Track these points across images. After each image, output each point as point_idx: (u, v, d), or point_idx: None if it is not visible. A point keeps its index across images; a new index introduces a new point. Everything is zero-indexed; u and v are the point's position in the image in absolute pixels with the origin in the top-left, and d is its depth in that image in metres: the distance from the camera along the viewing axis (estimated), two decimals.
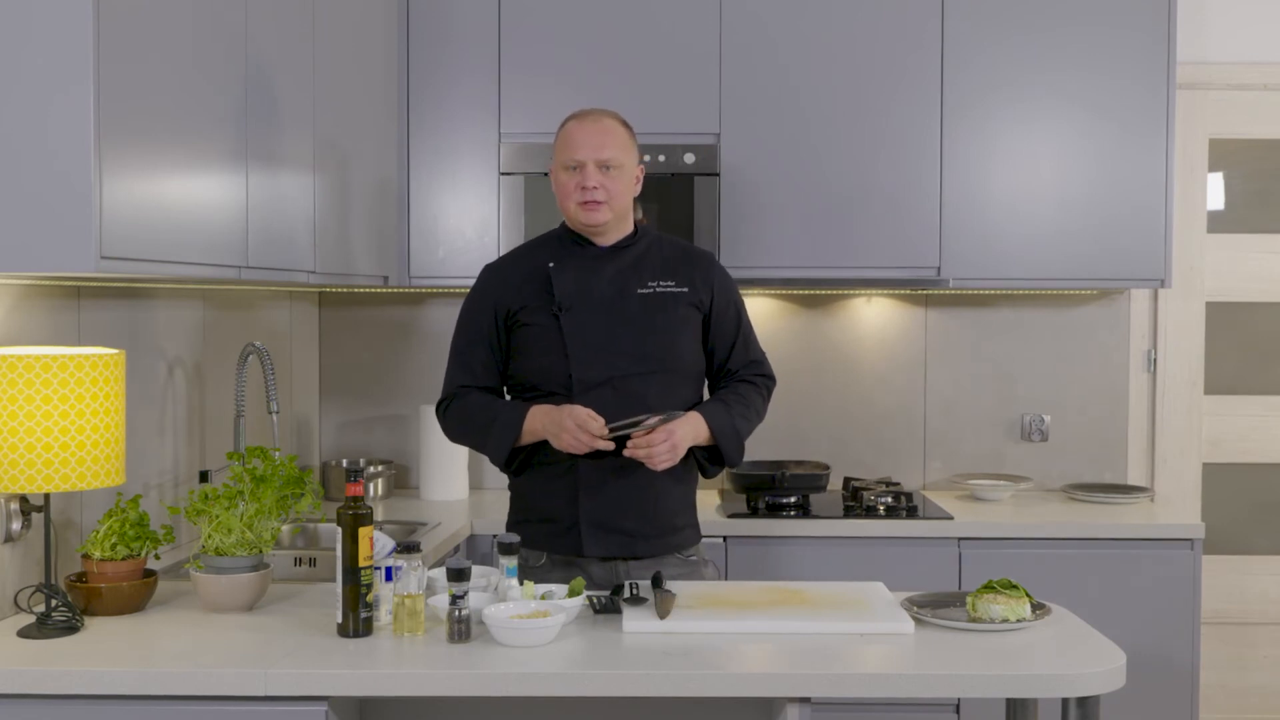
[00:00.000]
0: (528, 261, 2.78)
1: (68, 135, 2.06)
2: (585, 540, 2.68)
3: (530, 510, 2.76)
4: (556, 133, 2.75)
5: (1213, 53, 4.10)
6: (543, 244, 2.82)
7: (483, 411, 2.72)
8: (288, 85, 2.91)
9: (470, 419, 2.74)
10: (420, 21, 3.76)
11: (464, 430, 2.78)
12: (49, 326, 2.53)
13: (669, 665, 2.11)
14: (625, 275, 2.74)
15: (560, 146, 2.72)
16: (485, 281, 2.80)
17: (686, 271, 2.78)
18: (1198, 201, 4.16)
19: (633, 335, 2.69)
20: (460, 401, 2.75)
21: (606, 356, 2.67)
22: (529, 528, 2.73)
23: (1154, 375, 4.16)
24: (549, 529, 2.71)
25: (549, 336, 2.69)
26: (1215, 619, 4.16)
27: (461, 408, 2.75)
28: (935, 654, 2.20)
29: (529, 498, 2.77)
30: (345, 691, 2.10)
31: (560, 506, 2.70)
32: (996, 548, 3.51)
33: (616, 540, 2.69)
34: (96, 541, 2.40)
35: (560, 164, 2.71)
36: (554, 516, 2.71)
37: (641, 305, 2.72)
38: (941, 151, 3.74)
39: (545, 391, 2.68)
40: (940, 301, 4.10)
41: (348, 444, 4.16)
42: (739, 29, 3.74)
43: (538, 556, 2.73)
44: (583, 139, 2.68)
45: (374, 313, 4.15)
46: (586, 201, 2.67)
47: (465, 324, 2.79)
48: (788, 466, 3.82)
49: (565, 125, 2.74)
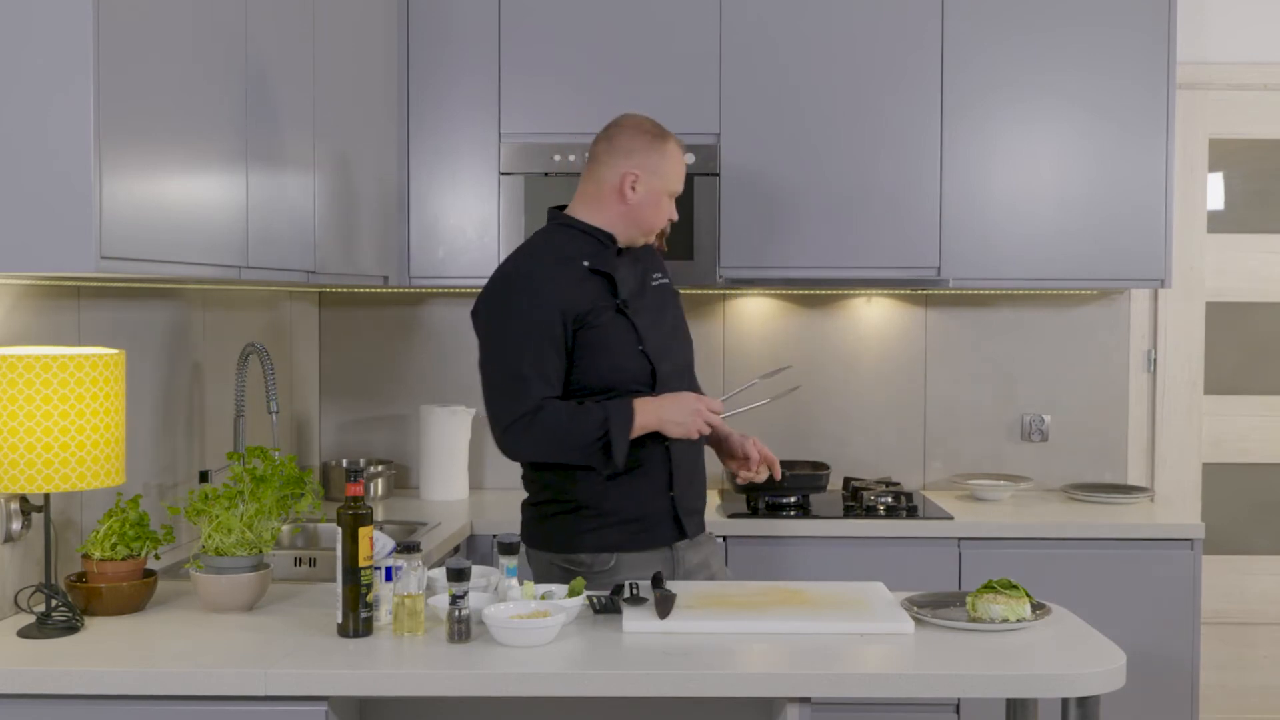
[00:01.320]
0: (564, 263, 2.68)
1: (68, 135, 2.06)
2: (686, 526, 2.75)
3: (609, 515, 2.69)
4: (650, 144, 2.71)
5: (1213, 53, 4.10)
6: (561, 243, 2.73)
7: (583, 417, 2.59)
8: (288, 85, 2.91)
9: (570, 428, 2.59)
10: (420, 21, 3.76)
11: (561, 439, 2.60)
12: (49, 326, 2.53)
13: (669, 665, 2.12)
14: (639, 269, 2.80)
15: (673, 173, 2.74)
16: (540, 286, 2.64)
17: (657, 262, 2.89)
18: (1198, 201, 4.16)
19: (673, 324, 2.81)
20: (549, 413, 2.59)
21: (668, 346, 2.76)
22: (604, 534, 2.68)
23: (1154, 375, 4.16)
24: (634, 528, 2.70)
25: (620, 334, 2.67)
26: (1215, 619, 4.16)
27: (554, 419, 2.59)
28: (935, 654, 2.20)
29: (606, 502, 2.68)
30: (345, 691, 2.10)
31: (650, 500, 2.72)
32: (996, 548, 3.51)
33: (695, 521, 2.80)
34: (96, 541, 2.40)
35: (669, 190, 2.74)
36: (643, 514, 2.71)
37: (662, 296, 2.82)
38: (941, 151, 3.74)
39: (624, 390, 2.65)
40: (940, 301, 4.10)
41: (348, 444, 4.16)
42: (739, 29, 3.74)
43: (606, 560, 2.68)
44: (683, 173, 2.78)
45: (374, 313, 4.15)
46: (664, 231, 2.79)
47: (528, 332, 2.61)
48: (788, 466, 3.82)
49: (670, 148, 2.73)
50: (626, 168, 2.70)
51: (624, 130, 2.73)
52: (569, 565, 2.70)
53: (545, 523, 2.75)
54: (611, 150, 2.72)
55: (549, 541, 2.74)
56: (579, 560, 2.69)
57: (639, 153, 2.71)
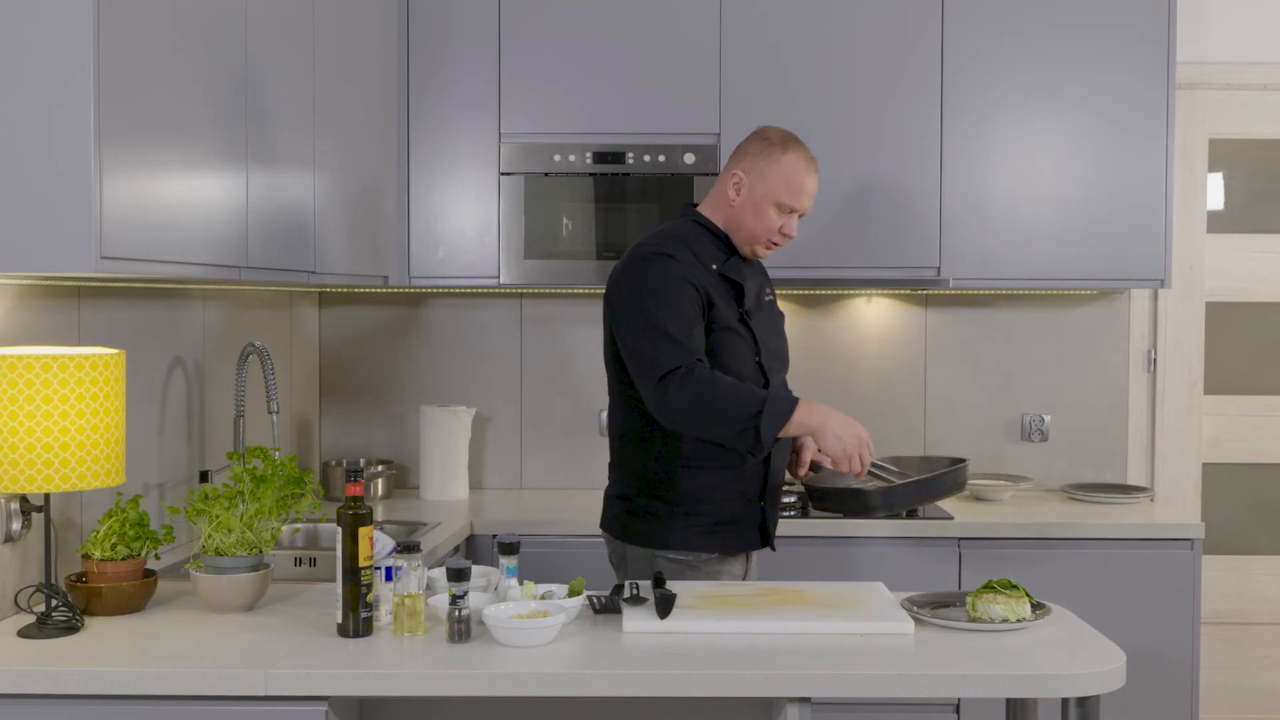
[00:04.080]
0: (695, 258, 2.68)
1: (68, 135, 2.06)
2: (771, 532, 2.80)
3: (702, 516, 2.72)
4: (765, 150, 2.72)
5: (1213, 53, 4.10)
6: (695, 241, 2.72)
7: (742, 389, 2.51)
8: (288, 85, 2.91)
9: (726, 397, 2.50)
10: (420, 21, 3.76)
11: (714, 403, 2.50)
12: (49, 326, 2.53)
13: (669, 665, 2.12)
14: (757, 283, 2.82)
15: (784, 184, 2.69)
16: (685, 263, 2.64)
17: (767, 279, 2.91)
18: (1198, 201, 4.16)
19: (782, 341, 2.83)
20: (706, 375, 2.51)
21: (777, 362, 2.78)
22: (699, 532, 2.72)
23: (1154, 375, 4.16)
24: (726, 530, 2.74)
25: (736, 341, 2.69)
26: (1215, 619, 4.16)
27: (710, 381, 2.51)
28: (935, 654, 2.20)
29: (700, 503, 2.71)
30: (345, 691, 2.10)
31: (744, 506, 2.75)
32: (996, 548, 3.51)
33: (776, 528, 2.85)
34: (96, 541, 2.40)
35: (775, 200, 2.70)
36: (736, 517, 2.74)
37: (775, 314, 2.84)
38: (941, 151, 3.74)
39: None
40: (940, 301, 4.10)
41: (348, 444, 4.16)
42: (739, 29, 3.74)
43: (706, 558, 2.74)
44: (810, 189, 2.74)
45: (374, 313, 4.15)
46: (774, 244, 2.75)
47: (677, 300, 2.59)
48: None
49: (790, 159, 2.71)
50: (736, 169, 2.75)
51: (753, 136, 2.78)
52: (669, 559, 2.74)
53: (638, 517, 2.75)
54: (736, 153, 2.79)
55: (646, 537, 2.74)
56: (675, 557, 2.73)
57: (750, 156, 2.73)
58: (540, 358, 4.13)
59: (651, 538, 2.73)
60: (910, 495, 2.82)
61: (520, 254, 3.74)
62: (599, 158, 3.72)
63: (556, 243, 3.73)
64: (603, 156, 3.72)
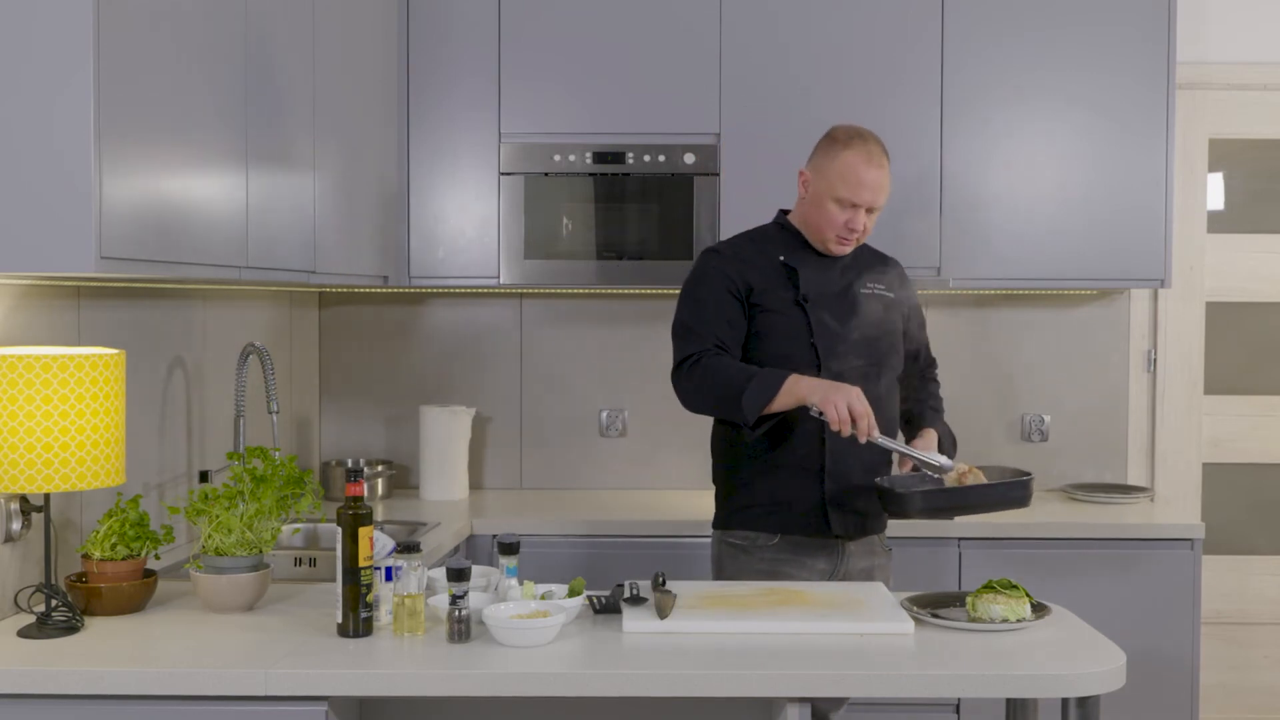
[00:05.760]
0: (756, 251, 2.84)
1: (68, 135, 2.06)
2: (834, 522, 2.77)
3: (758, 494, 2.79)
4: (828, 148, 2.79)
5: (1213, 53, 4.10)
6: (767, 238, 2.88)
7: (737, 370, 2.68)
8: (288, 85, 2.91)
9: (720, 379, 2.68)
10: (420, 21, 3.76)
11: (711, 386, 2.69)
12: (49, 326, 2.53)
13: (669, 665, 2.12)
14: (848, 275, 2.86)
15: (840, 179, 2.74)
16: (714, 263, 2.82)
17: (887, 276, 2.93)
18: (1198, 201, 4.16)
19: (865, 332, 2.83)
20: (713, 359, 2.71)
21: (847, 350, 2.78)
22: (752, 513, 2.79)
23: (1154, 375, 4.16)
24: (785, 511, 2.77)
25: (792, 325, 2.76)
26: (1215, 619, 4.16)
27: (715, 364, 2.70)
28: (935, 654, 2.20)
29: (756, 484, 2.79)
30: (345, 691, 2.10)
31: (799, 488, 2.77)
32: (996, 548, 3.51)
33: (854, 521, 2.81)
34: (96, 541, 2.40)
35: (834, 195, 2.75)
36: (790, 499, 2.77)
37: (867, 305, 2.84)
38: (941, 151, 3.74)
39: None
40: (940, 301, 4.10)
41: (348, 444, 4.16)
42: (739, 28, 3.74)
43: (769, 538, 2.79)
44: (870, 183, 2.75)
45: (374, 313, 4.15)
46: (844, 238, 2.79)
47: (703, 300, 2.78)
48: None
49: (847, 155, 2.75)
50: (806, 167, 2.84)
51: (825, 134, 2.84)
52: (731, 540, 2.83)
53: (718, 501, 2.90)
54: (811, 152, 2.85)
55: (718, 519, 2.88)
56: (740, 536, 2.80)
57: (816, 154, 2.83)
58: (540, 358, 4.13)
59: (719, 520, 2.87)
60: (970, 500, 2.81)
61: (520, 254, 3.74)
62: (599, 158, 3.72)
63: (556, 243, 3.73)
64: (603, 156, 3.72)
